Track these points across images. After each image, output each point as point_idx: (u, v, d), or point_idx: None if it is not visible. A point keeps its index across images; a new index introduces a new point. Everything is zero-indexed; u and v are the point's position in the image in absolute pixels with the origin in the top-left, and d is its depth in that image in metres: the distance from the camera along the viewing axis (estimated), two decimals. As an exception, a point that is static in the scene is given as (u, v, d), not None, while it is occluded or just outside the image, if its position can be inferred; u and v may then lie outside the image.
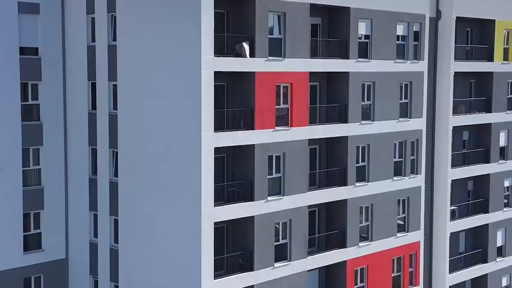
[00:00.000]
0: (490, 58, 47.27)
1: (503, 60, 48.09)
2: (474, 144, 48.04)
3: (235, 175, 33.97)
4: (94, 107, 36.65)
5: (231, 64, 31.99)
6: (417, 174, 41.97)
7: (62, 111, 37.63)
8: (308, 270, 37.06)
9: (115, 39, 34.96)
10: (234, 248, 34.22)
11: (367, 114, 38.83)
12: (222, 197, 33.60)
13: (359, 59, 37.74)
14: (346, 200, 37.87)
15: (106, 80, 35.46)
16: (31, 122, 36.73)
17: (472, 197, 48.40)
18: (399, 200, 41.22)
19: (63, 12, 37.07)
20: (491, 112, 47.44)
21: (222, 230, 33.99)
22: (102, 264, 36.58)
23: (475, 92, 48.05)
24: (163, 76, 32.52)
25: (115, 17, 34.69)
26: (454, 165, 46.19)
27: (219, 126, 33.04)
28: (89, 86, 36.66)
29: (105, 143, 35.90)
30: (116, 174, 35.66)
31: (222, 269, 33.85)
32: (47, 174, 37.41)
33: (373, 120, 38.98)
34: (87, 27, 36.22)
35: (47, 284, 37.81)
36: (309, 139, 36.52)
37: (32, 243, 37.31)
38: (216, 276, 32.67)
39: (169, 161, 32.59)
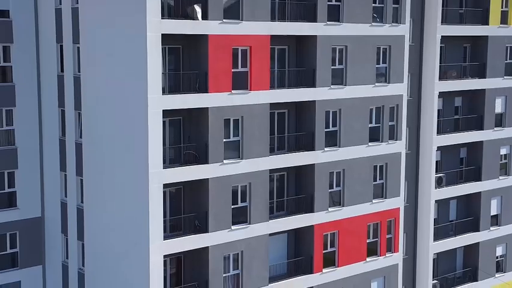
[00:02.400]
0: (485, 22, 45.79)
1: (501, 23, 46.54)
2: (467, 111, 46.88)
3: (191, 138, 34.16)
4: (62, 69, 37.24)
5: (181, 27, 31.97)
6: (396, 140, 41.28)
7: (36, 73, 38.36)
8: (274, 234, 37.19)
9: (78, 1, 35.32)
10: (191, 209, 34.55)
11: (339, 79, 38.28)
12: (178, 160, 33.91)
13: (328, 22, 37.13)
14: (313, 164, 37.63)
15: (71, 43, 35.96)
16: (4, 84, 37.59)
17: (466, 164, 47.39)
18: (375, 166, 40.69)
19: (33, -25, 37.67)
20: (485, 78, 46.13)
21: (178, 191, 34.31)
22: (71, 224, 37.48)
23: (470, 56, 46.74)
24: (116, 39, 32.76)
25: (78, -21, 35.06)
26: (444, 132, 45.31)
27: (174, 89, 33.22)
28: (57, 49, 37.25)
29: (71, 105, 36.54)
30: (81, 136, 36.32)
31: (178, 230, 34.29)
32: (21, 135, 38.33)
33: (345, 85, 38.43)
34: (55, -10, 36.77)
35: (23, 241, 38.96)
36: (278, 103, 36.42)
37: (6, 201, 38.39)
38: (167, 237, 33.10)
39: (123, 124, 32.98)
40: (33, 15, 37.79)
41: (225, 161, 34.16)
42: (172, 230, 34.06)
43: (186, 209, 34.50)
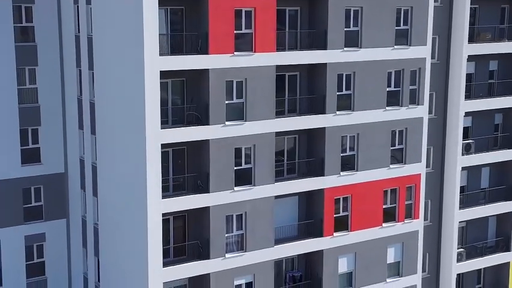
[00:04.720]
0: (525, -18, 43.77)
1: (543, -16, 44.32)
2: (503, 75, 45.10)
3: (194, 99, 34.52)
4: (79, 30, 38.20)
5: (179, -12, 32.21)
6: (418, 104, 40.32)
7: (57, 33, 39.49)
8: (285, 196, 37.33)
9: (90, -37, 36.06)
10: (194, 170, 35.06)
11: (354, 41, 37.59)
12: (181, 121, 34.41)
13: (341, -17, 36.46)
14: (324, 128, 37.34)
15: (84, 3, 36.79)
16: (26, 43, 38.90)
17: (501, 130, 45.80)
18: (394, 131, 39.95)
19: None
20: (523, 41, 44.23)
21: (182, 151, 34.86)
22: (87, 180, 38.78)
23: (508, 18, 44.77)
24: (117, 1, 33.32)
25: None
26: (476, 97, 43.87)
27: (176, 50, 33.56)
28: (75, 9, 38.18)
29: (85, 65, 37.52)
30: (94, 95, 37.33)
31: (182, 189, 34.94)
32: (44, 93, 39.72)
33: (360, 47, 37.72)
34: (71, -48, 37.55)
35: (47, 195, 40.62)
36: (289, 66, 36.25)
37: (30, 156, 40.00)
38: (169, 196, 33.81)
39: (125, 85, 33.67)
40: (54, -23, 38.86)
41: (227, 123, 34.40)
42: (176, 189, 34.73)
43: (189, 169, 35.04)
